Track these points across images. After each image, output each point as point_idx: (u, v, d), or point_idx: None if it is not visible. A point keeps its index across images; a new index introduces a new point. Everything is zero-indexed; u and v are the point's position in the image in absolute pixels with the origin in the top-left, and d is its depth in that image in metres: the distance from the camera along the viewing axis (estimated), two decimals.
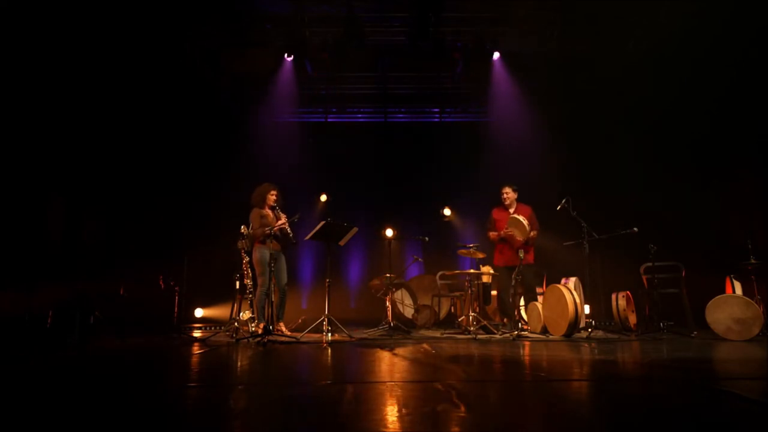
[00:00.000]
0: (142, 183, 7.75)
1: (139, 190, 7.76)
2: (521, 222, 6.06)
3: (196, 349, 4.62)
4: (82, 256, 6.99)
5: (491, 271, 6.90)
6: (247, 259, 5.79)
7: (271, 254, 5.32)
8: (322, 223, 5.65)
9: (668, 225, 6.93)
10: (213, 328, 7.24)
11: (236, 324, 5.61)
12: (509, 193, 6.49)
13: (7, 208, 5.86)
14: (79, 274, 6.39)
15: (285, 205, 6.08)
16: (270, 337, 4.95)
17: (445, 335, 6.01)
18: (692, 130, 7.11)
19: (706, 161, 7.20)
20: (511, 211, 6.42)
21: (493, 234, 6.48)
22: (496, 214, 6.57)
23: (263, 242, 5.71)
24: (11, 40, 5.86)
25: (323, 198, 8.85)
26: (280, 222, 5.80)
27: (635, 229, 5.85)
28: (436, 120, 9.98)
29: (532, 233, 6.13)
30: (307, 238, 5.80)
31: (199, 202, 8.18)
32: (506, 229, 6.25)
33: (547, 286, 6.39)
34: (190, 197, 8.12)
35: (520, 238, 6.11)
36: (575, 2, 7.40)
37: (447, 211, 8.87)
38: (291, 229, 5.93)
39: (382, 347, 4.59)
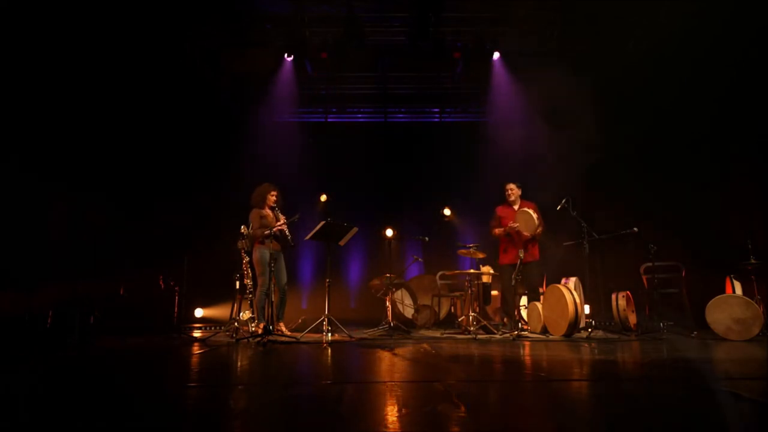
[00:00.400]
0: (142, 183, 7.75)
1: (139, 190, 7.76)
2: (530, 215, 6.04)
3: (196, 349, 4.62)
4: (82, 256, 6.99)
5: (491, 271, 6.90)
6: (247, 259, 5.79)
7: (271, 254, 5.32)
8: (322, 223, 5.65)
9: (668, 225, 6.93)
10: (213, 328, 7.24)
11: (236, 324, 5.61)
12: (513, 190, 6.48)
13: (7, 207, 5.86)
14: (79, 274, 6.39)
15: (285, 205, 6.08)
16: (270, 337, 4.95)
17: (445, 335, 6.01)
18: (692, 129, 7.11)
19: (706, 161, 7.20)
20: (516, 207, 6.41)
21: (498, 230, 6.45)
22: (501, 211, 6.55)
23: (263, 242, 5.71)
24: (13, 39, 5.87)
25: (323, 198, 8.85)
26: (279, 224, 5.80)
27: (635, 229, 5.85)
28: (436, 120, 9.98)
29: (538, 230, 6.11)
30: (307, 238, 5.79)
31: (199, 202, 8.18)
32: (513, 223, 6.22)
33: (547, 286, 6.40)
34: (190, 197, 8.12)
35: (527, 233, 6.10)
36: (575, 2, 7.40)
37: (447, 211, 8.87)
38: (289, 231, 5.93)
39: (382, 347, 4.59)
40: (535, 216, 6.03)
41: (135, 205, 7.73)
